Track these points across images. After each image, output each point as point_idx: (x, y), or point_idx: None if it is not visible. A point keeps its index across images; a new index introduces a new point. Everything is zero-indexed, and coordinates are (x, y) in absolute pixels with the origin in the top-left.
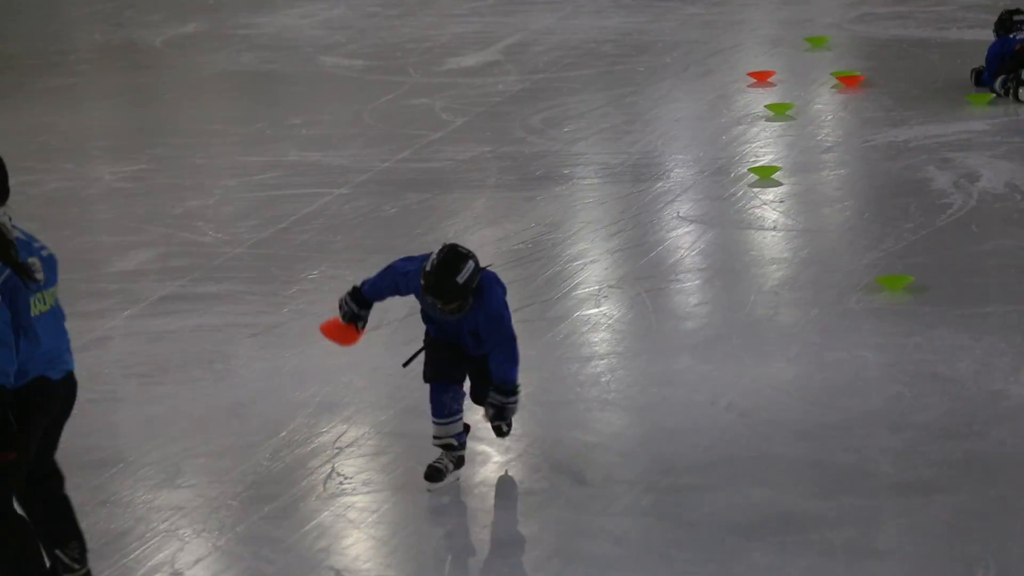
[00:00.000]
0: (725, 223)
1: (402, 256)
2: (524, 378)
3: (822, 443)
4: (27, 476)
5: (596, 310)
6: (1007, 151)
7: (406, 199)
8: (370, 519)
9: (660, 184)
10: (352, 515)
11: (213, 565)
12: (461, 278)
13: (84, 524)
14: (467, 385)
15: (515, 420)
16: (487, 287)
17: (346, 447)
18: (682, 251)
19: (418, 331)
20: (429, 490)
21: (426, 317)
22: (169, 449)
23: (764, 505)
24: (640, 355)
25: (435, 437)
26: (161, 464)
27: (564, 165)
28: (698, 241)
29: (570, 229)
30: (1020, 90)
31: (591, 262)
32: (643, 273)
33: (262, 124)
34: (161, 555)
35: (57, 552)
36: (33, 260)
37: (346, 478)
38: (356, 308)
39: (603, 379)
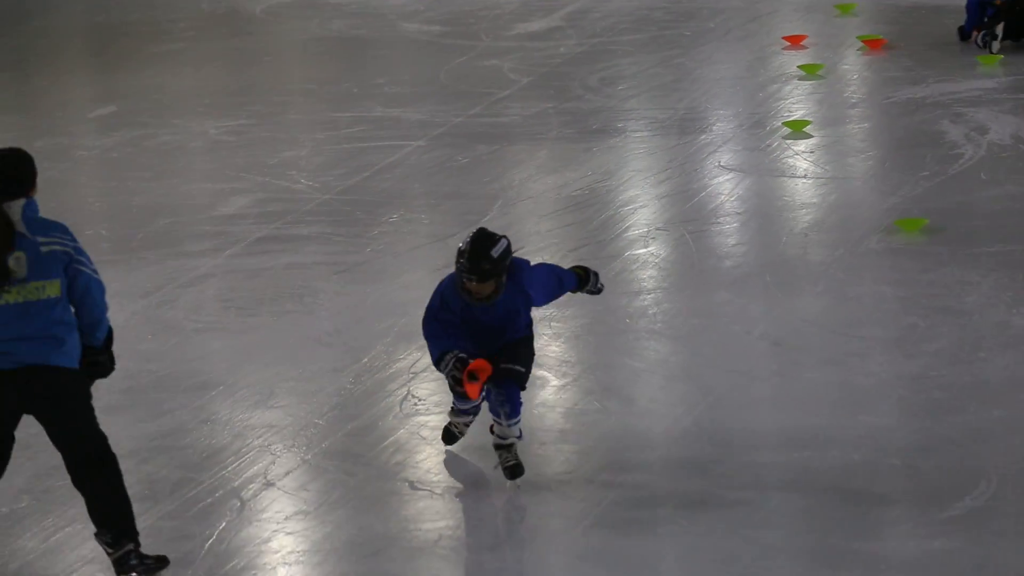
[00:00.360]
0: (761, 171)
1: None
2: (581, 312)
3: (845, 368)
4: (68, 463)
5: (645, 250)
6: (1013, 107)
7: (477, 150)
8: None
9: (703, 136)
10: (425, 433)
11: (301, 477)
12: (496, 252)
13: (186, 440)
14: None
15: (571, 349)
16: (519, 264)
17: (420, 372)
18: (722, 197)
19: None
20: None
21: (465, 331)
22: (263, 374)
23: (791, 425)
24: (683, 290)
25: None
26: (256, 387)
27: (618, 120)
28: (736, 188)
29: (622, 177)
30: (993, 43)
31: (641, 207)
32: (687, 216)
33: (349, 84)
34: (255, 468)
35: (95, 534)
36: (19, 255)
37: (420, 400)
38: (448, 368)
39: (650, 311)
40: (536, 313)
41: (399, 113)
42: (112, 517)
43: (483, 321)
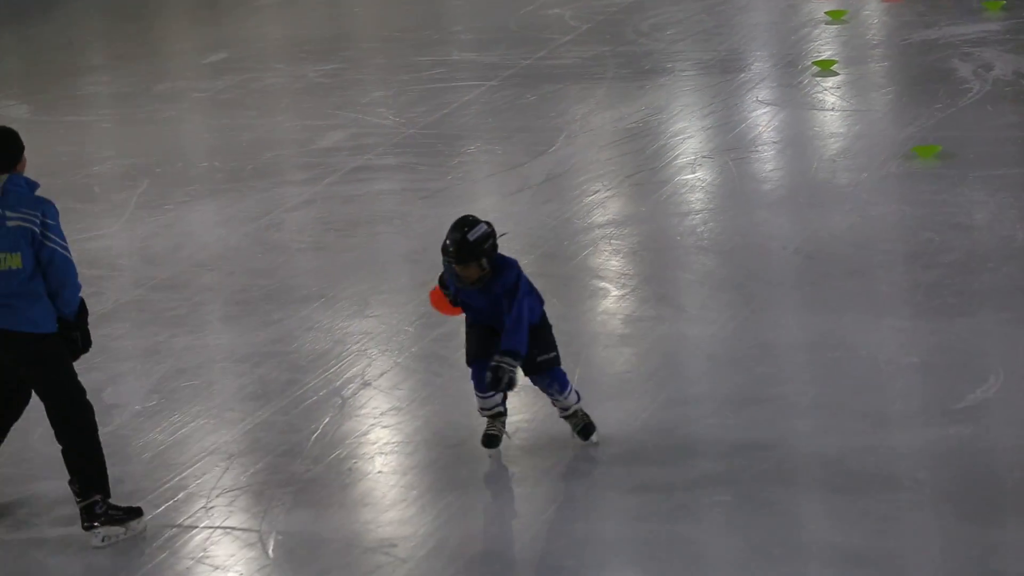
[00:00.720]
0: (793, 105)
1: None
2: (638, 231)
3: (869, 278)
4: (47, 414)
5: (692, 175)
6: (1014, 46)
7: (543, 89)
8: None
9: (742, 75)
10: None
11: (394, 377)
12: (472, 235)
13: (293, 346)
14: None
15: (630, 263)
16: (507, 266)
17: None
18: (760, 128)
19: None
20: (489, 456)
21: (464, 305)
22: (359, 287)
23: (823, 328)
24: (727, 210)
25: (481, 409)
26: (353, 299)
27: (667, 61)
28: (772, 120)
29: (672, 111)
30: None
31: (688, 137)
32: (729, 145)
33: (429, 31)
34: (354, 369)
35: (68, 482)
36: None
37: None
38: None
39: (698, 230)
40: (596, 232)
41: (473, 57)
42: (80, 468)
43: (476, 309)
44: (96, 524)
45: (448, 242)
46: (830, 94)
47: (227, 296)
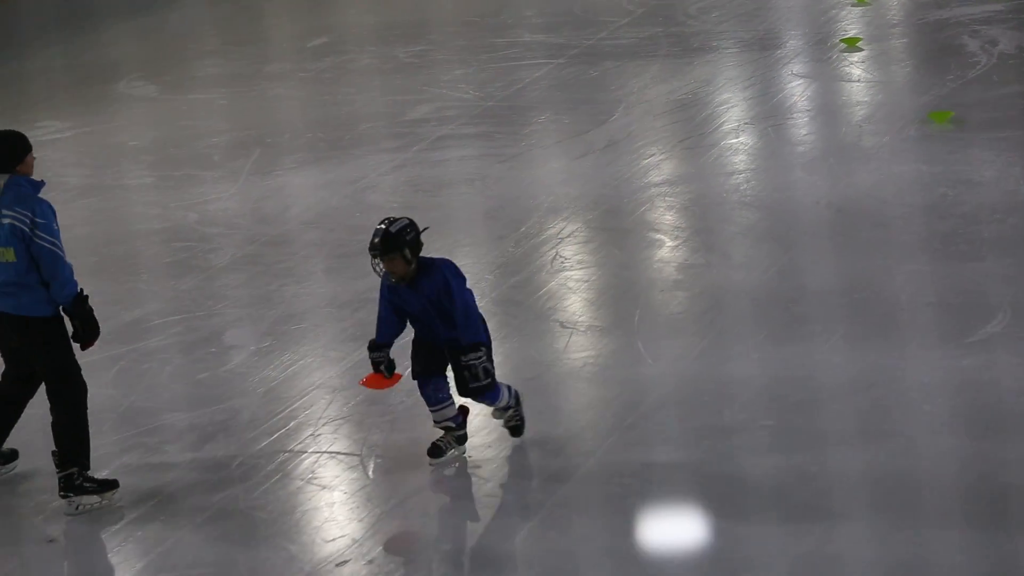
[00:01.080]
0: (824, 78)
1: None
2: (688, 189)
3: (892, 228)
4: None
5: (736, 140)
6: (1017, 24)
7: (604, 65)
8: (583, 287)
9: (779, 51)
10: (571, 284)
11: None
12: (393, 228)
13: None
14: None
15: (682, 217)
16: (434, 266)
17: (566, 237)
18: (795, 97)
19: None
20: (430, 464)
21: (403, 312)
22: (445, 240)
23: (852, 273)
24: (767, 170)
25: (435, 422)
26: (440, 251)
27: (712, 40)
28: (806, 90)
29: (717, 84)
30: None
31: (732, 106)
32: (768, 113)
33: (504, 16)
34: None
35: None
36: None
37: (566, 259)
38: (372, 353)
39: (741, 187)
40: (652, 190)
41: (543, 38)
42: (64, 440)
43: (411, 311)
44: (71, 494)
45: (372, 236)
46: (856, 67)
47: (329, 250)
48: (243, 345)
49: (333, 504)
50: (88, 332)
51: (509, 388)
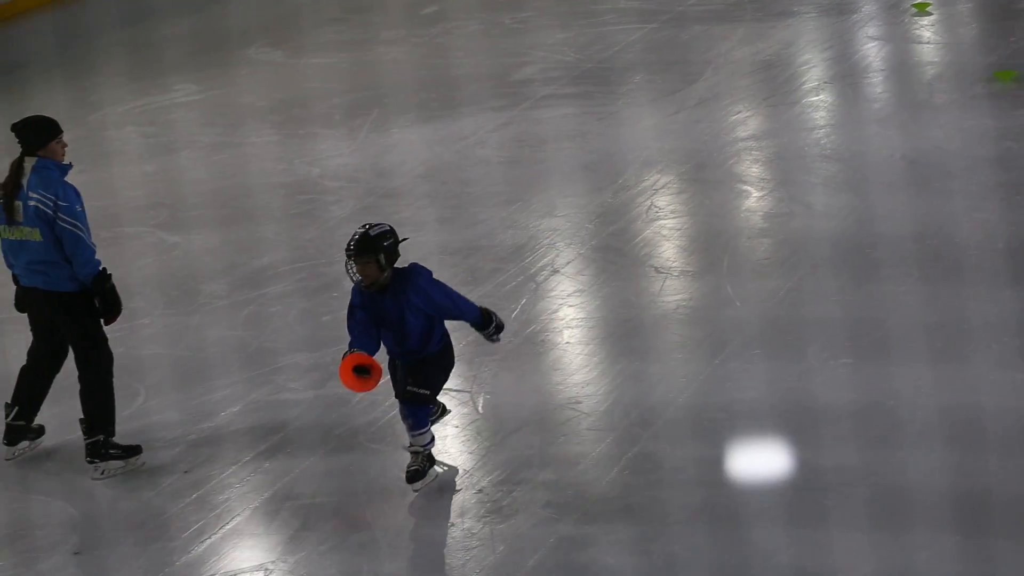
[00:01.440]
0: (897, 39)
1: None
2: (773, 143)
3: (961, 179)
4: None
5: (816, 98)
6: None
7: (694, 30)
8: (676, 234)
9: (855, 15)
10: (664, 232)
11: (578, 265)
12: (372, 232)
13: (496, 241)
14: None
15: (767, 169)
16: (415, 271)
17: (660, 188)
18: (870, 58)
19: None
20: (414, 491)
21: (378, 319)
22: (549, 192)
23: (925, 220)
24: (845, 125)
25: (409, 443)
26: (543, 201)
27: (793, 5)
28: (880, 51)
29: (799, 46)
30: None
31: (813, 67)
32: (846, 72)
33: None
34: (545, 259)
35: (80, 419)
36: (18, 203)
37: (659, 209)
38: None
39: (822, 142)
40: (739, 145)
41: (637, 4)
42: (90, 407)
43: (386, 319)
44: (97, 460)
45: (350, 240)
46: (926, 30)
47: (442, 201)
48: None
49: (445, 437)
50: (110, 308)
51: (433, 437)
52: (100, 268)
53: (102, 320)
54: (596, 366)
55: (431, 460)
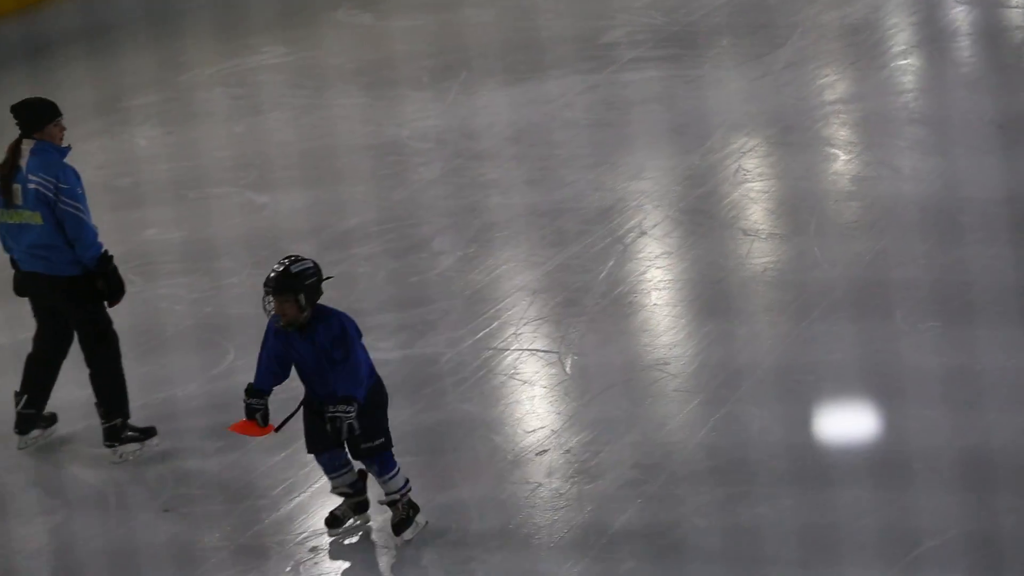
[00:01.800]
0: (984, 4)
1: None
2: (860, 107)
3: None
4: None
5: (904, 61)
6: None
7: None
8: (764, 197)
9: None
10: (752, 194)
11: (666, 227)
12: (294, 268)
13: (583, 203)
14: None
15: (854, 133)
16: (333, 315)
17: (747, 151)
18: (957, 23)
19: None
20: (330, 536)
21: (292, 359)
22: (636, 155)
23: (1012, 181)
24: (933, 89)
25: (332, 488)
26: (631, 164)
27: None
28: (967, 17)
29: (886, 10)
30: None
31: (900, 31)
32: (932, 38)
33: None
34: (633, 221)
35: (95, 403)
36: (16, 187)
37: (747, 171)
38: (249, 399)
39: (909, 105)
40: (826, 108)
41: None
42: (104, 393)
43: (301, 362)
44: (115, 444)
45: (270, 273)
46: None
47: (530, 163)
48: (450, 251)
49: (533, 398)
50: (114, 290)
51: (407, 480)
52: (103, 250)
53: (105, 303)
54: (683, 328)
55: (413, 507)
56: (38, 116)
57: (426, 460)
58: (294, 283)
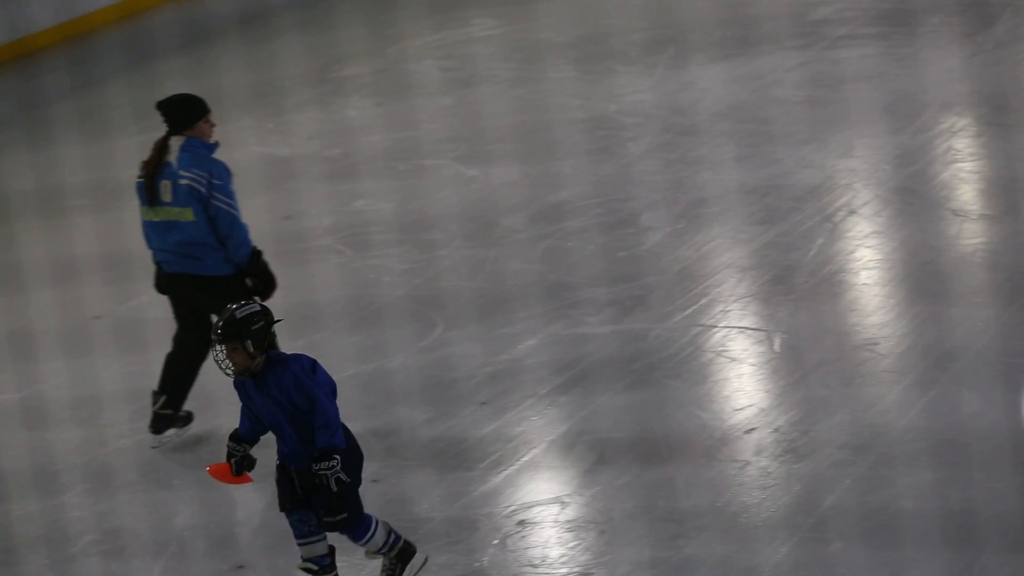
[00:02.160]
0: None
1: None
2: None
3: None
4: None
5: None
6: None
7: None
8: (974, 177)
9: None
10: (963, 175)
11: (875, 206)
12: (239, 314)
13: (792, 180)
14: None
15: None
16: (283, 360)
17: (958, 131)
18: None
19: None
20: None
21: (253, 409)
22: (845, 132)
23: None
24: None
25: (301, 557)
26: (840, 142)
27: None
28: None
29: None
30: None
31: None
32: None
33: None
34: (842, 200)
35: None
36: (165, 183)
37: (958, 151)
38: (229, 443)
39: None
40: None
41: None
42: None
43: (259, 414)
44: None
45: (217, 321)
46: None
47: (738, 139)
48: (659, 227)
49: (741, 376)
50: (266, 287)
51: (389, 531)
52: (253, 247)
53: (257, 297)
54: (893, 308)
55: (404, 554)
56: (188, 112)
57: (635, 436)
58: (239, 330)
